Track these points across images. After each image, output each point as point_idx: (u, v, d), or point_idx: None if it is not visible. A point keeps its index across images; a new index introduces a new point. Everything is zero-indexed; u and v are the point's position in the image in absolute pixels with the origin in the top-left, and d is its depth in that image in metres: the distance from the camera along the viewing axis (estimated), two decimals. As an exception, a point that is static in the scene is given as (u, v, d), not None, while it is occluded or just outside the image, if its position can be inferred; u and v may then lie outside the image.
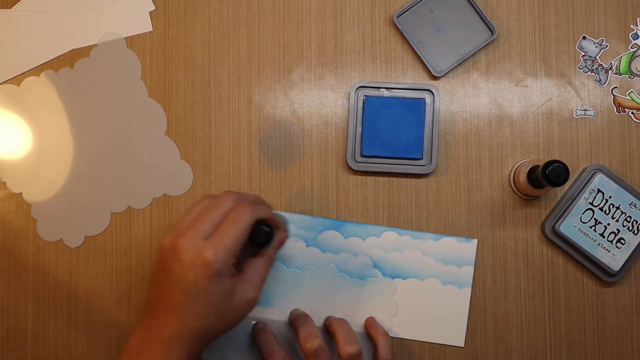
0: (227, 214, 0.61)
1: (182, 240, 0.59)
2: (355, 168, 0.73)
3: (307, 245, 0.73)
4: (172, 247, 0.59)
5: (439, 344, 0.72)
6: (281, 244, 0.66)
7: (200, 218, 0.60)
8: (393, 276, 0.73)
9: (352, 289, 0.73)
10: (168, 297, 0.59)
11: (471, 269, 0.73)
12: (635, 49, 0.75)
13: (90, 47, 0.76)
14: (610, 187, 0.71)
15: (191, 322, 0.59)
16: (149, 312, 0.61)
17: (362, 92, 0.74)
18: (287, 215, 0.73)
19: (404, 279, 0.73)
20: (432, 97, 0.74)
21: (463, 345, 0.72)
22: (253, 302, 0.61)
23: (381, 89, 0.74)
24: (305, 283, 0.73)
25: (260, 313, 0.72)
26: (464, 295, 0.72)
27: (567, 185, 0.73)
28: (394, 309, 0.73)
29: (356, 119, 0.74)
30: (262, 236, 0.63)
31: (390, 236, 0.73)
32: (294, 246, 0.73)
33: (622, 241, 0.71)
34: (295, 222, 0.73)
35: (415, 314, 0.72)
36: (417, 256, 0.73)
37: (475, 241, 0.73)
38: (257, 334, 0.70)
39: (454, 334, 0.72)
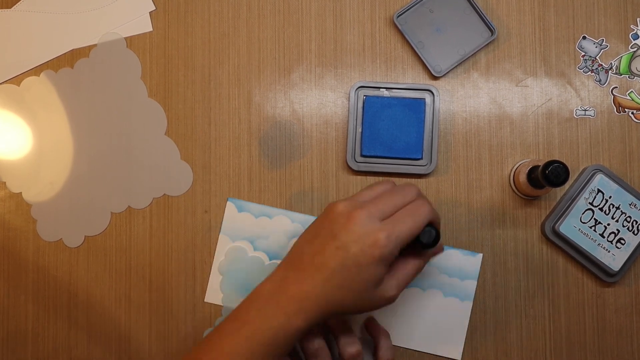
0: (406, 204, 0.60)
1: (360, 212, 0.57)
2: (355, 168, 0.73)
3: None
4: (347, 213, 0.58)
5: (435, 355, 0.72)
6: (437, 254, 0.65)
7: (382, 198, 0.59)
8: None
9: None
10: (322, 257, 0.58)
11: (474, 283, 0.72)
12: (635, 49, 0.75)
13: (90, 47, 0.76)
14: (610, 187, 0.71)
15: (333, 291, 0.57)
16: (293, 263, 0.60)
17: (362, 92, 0.74)
18: (295, 215, 0.73)
19: (407, 288, 0.72)
20: (432, 97, 0.74)
21: (459, 359, 0.72)
22: (390, 300, 0.60)
23: (381, 89, 0.74)
24: None
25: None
26: (465, 309, 0.72)
27: (567, 186, 0.73)
28: (394, 318, 0.72)
29: (356, 119, 0.74)
30: (429, 237, 0.60)
31: None
32: None
33: (622, 241, 0.71)
34: (301, 221, 0.73)
35: (415, 323, 0.72)
36: None
37: (480, 255, 0.73)
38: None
39: (452, 347, 0.72)
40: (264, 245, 0.73)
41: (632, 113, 0.74)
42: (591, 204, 0.71)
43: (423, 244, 0.60)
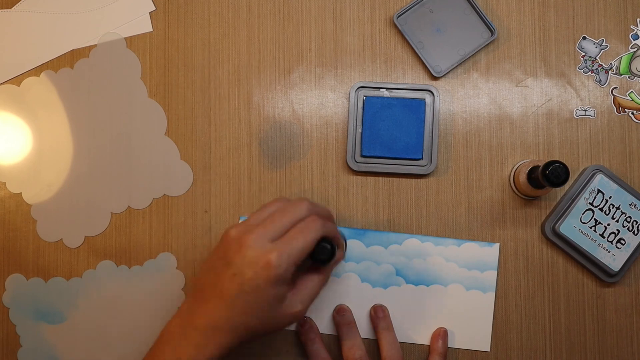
0: (298, 222, 0.60)
1: (250, 237, 0.58)
2: (355, 168, 0.73)
3: None
4: (238, 239, 0.59)
5: (465, 349, 0.72)
6: (337, 263, 0.65)
7: (271, 219, 0.60)
8: (417, 283, 0.73)
9: (376, 297, 0.73)
10: (221, 285, 0.58)
11: (494, 273, 0.72)
12: (635, 49, 0.75)
13: (90, 47, 0.76)
14: (610, 188, 0.71)
15: (237, 316, 0.58)
16: (196, 297, 0.61)
17: (362, 93, 0.74)
18: None
19: (428, 286, 0.73)
20: (432, 97, 0.74)
21: (489, 350, 0.72)
22: (298, 317, 0.61)
23: (381, 89, 0.74)
24: (329, 293, 0.73)
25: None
26: (488, 300, 0.72)
27: (567, 186, 0.73)
28: (418, 316, 0.73)
29: (356, 119, 0.74)
30: (324, 253, 0.61)
31: (412, 243, 0.73)
32: None
33: (622, 241, 0.71)
34: None
35: (440, 319, 0.72)
36: (440, 262, 0.73)
37: (497, 245, 0.73)
38: (306, 339, 0.71)
39: (479, 339, 0.72)
40: None
41: (632, 113, 0.74)
42: (591, 204, 0.71)
43: (319, 259, 0.61)
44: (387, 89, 0.74)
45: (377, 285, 0.73)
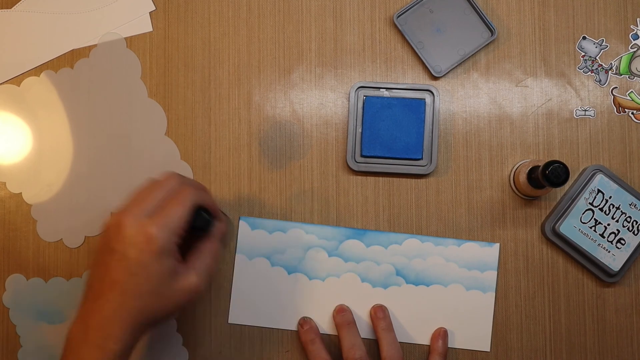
0: (170, 193, 0.60)
1: (126, 217, 0.58)
2: (355, 168, 0.73)
3: (329, 255, 0.73)
4: (115, 224, 0.58)
5: (464, 349, 0.72)
6: (222, 234, 0.65)
7: (144, 197, 0.60)
8: (417, 283, 0.73)
9: (376, 297, 0.73)
10: (109, 275, 0.57)
11: (494, 274, 0.72)
12: (635, 49, 0.75)
13: (90, 47, 0.76)
14: (610, 188, 0.71)
15: (131, 301, 0.57)
16: (88, 295, 0.59)
17: (362, 92, 0.74)
18: (309, 227, 0.73)
19: (428, 286, 0.73)
20: (432, 97, 0.74)
21: (489, 350, 0.72)
22: (195, 290, 0.60)
23: (381, 89, 0.74)
24: (329, 293, 0.73)
25: (283, 324, 0.73)
26: (488, 300, 0.72)
27: (567, 186, 0.73)
28: (418, 316, 0.72)
29: (356, 119, 0.74)
30: (202, 220, 0.62)
31: (412, 243, 0.73)
32: (316, 256, 0.73)
33: (622, 241, 0.71)
34: (316, 232, 0.73)
35: (440, 320, 0.72)
36: (440, 262, 0.73)
37: (497, 245, 0.73)
38: (306, 339, 0.71)
39: (480, 339, 0.72)
40: (281, 260, 0.73)
41: (632, 113, 0.74)
42: (591, 204, 0.71)
43: (198, 228, 0.61)
44: (387, 89, 0.74)
45: (377, 285, 0.73)
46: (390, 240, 0.73)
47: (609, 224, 0.71)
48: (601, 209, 0.71)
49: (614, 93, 0.75)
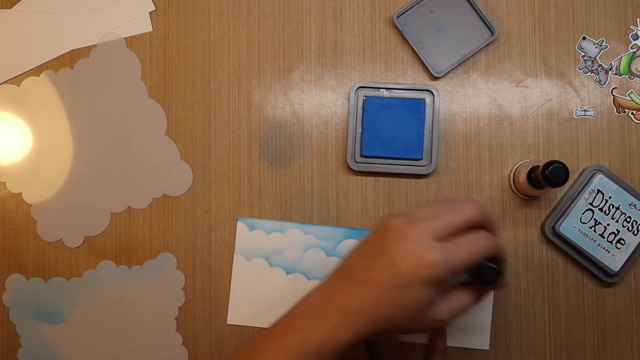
0: (466, 224, 0.57)
1: (414, 229, 0.55)
2: (355, 168, 0.73)
3: (328, 255, 0.73)
4: (400, 230, 0.56)
5: (464, 347, 0.72)
6: (501, 288, 0.62)
7: (440, 216, 0.56)
8: None
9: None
10: (372, 272, 0.55)
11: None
12: (635, 49, 0.75)
13: (90, 47, 0.76)
14: (610, 188, 0.71)
15: (381, 308, 0.55)
16: (342, 275, 0.58)
17: (362, 93, 0.74)
18: (307, 227, 0.73)
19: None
20: (432, 97, 0.74)
21: (488, 349, 0.72)
22: (441, 324, 0.57)
23: (381, 90, 0.74)
24: None
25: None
26: (487, 297, 0.72)
27: (567, 186, 0.73)
28: None
29: (356, 119, 0.74)
30: (490, 275, 0.58)
31: None
32: (314, 257, 0.73)
33: (621, 242, 0.71)
34: (314, 232, 0.73)
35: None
36: None
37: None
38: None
39: (479, 338, 0.72)
40: (279, 261, 0.73)
41: (632, 113, 0.74)
42: (591, 204, 0.71)
43: (482, 280, 0.58)
44: (387, 89, 0.74)
45: None
46: None
47: (608, 224, 0.71)
48: (601, 209, 0.71)
49: (614, 93, 0.75)
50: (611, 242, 0.71)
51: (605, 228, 0.71)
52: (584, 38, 0.75)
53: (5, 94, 0.76)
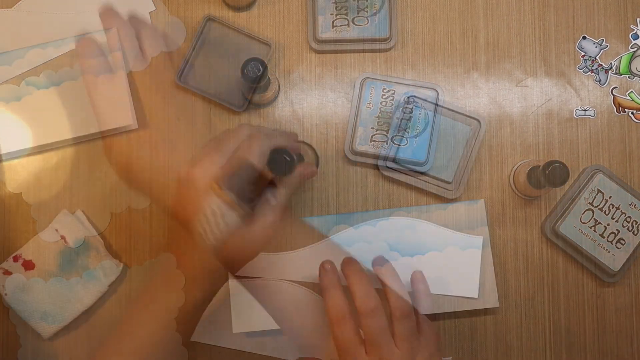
0: (241, 143, 0.60)
1: (197, 170, 0.59)
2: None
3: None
4: (187, 177, 0.59)
5: (476, 309, 0.71)
6: (306, 176, 0.65)
7: (215, 148, 0.60)
8: (412, 254, 0.72)
9: (374, 276, 0.72)
10: (188, 228, 0.59)
11: (486, 229, 0.72)
12: (635, 49, 0.75)
13: (90, 47, 0.75)
14: (610, 188, 0.71)
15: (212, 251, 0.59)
16: (172, 250, 0.62)
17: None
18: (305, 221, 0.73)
19: (424, 254, 0.72)
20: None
21: (498, 306, 0.71)
22: (273, 226, 0.61)
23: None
24: None
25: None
26: (486, 255, 0.72)
27: (567, 186, 0.73)
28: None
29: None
30: (282, 164, 0.58)
31: (399, 216, 0.72)
32: None
33: (622, 241, 0.71)
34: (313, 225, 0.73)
35: (443, 285, 0.71)
36: (431, 229, 0.72)
37: (482, 201, 0.72)
38: (327, 285, 0.63)
39: (486, 294, 0.71)
40: None
41: (632, 113, 0.74)
42: (591, 204, 0.71)
43: (280, 173, 0.59)
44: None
45: None
46: (377, 216, 0.73)
47: (608, 224, 0.71)
48: (601, 209, 0.71)
49: (614, 93, 0.75)
50: (611, 241, 0.71)
51: (606, 228, 0.71)
52: (584, 38, 0.75)
53: (5, 94, 0.75)
